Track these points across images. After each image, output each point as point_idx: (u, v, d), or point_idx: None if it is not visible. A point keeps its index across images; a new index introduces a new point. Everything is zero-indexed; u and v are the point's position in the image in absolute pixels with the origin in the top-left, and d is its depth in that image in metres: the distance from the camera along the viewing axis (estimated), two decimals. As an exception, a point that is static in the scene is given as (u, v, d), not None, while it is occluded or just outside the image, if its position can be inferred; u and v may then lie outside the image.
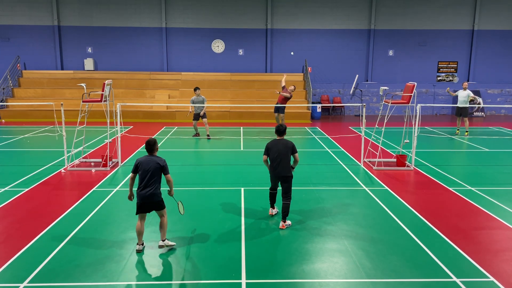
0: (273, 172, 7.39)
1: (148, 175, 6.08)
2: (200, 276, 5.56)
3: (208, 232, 6.99)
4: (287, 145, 7.30)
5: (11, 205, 8.25)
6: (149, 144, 6.29)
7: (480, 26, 24.22)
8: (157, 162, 6.14)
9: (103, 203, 8.39)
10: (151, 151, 6.29)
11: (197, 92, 15.27)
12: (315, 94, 24.37)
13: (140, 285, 5.39)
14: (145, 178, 6.09)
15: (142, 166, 6.11)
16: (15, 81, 22.67)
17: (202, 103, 15.27)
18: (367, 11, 24.02)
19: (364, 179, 10.31)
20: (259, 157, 12.49)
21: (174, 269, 5.76)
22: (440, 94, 24.53)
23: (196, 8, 23.75)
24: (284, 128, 7.47)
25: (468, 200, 8.75)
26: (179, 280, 5.48)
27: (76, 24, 23.59)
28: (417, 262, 5.96)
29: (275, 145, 7.34)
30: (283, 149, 7.25)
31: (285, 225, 7.19)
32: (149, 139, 6.37)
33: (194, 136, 15.99)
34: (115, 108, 12.39)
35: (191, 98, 15.46)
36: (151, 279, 5.51)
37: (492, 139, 15.91)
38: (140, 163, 6.15)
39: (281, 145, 7.29)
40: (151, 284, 5.40)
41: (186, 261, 5.98)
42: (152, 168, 6.09)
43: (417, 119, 11.06)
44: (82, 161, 11.64)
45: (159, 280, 5.49)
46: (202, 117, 15.41)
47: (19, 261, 5.93)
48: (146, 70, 24.00)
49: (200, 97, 15.30)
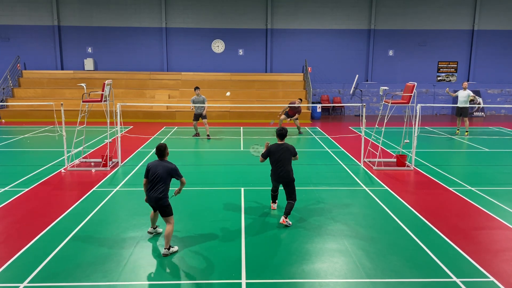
0: (275, 176, 7.51)
1: (155, 179, 6.20)
2: (200, 276, 5.56)
3: (208, 232, 6.99)
4: (289, 150, 7.45)
5: (11, 205, 8.25)
6: (159, 150, 6.39)
7: (480, 26, 24.21)
8: (166, 167, 6.25)
9: (103, 203, 8.39)
10: (161, 156, 6.39)
11: (197, 92, 15.22)
12: (315, 94, 24.37)
13: (140, 285, 5.39)
14: (153, 182, 6.22)
15: (152, 171, 6.26)
16: (15, 81, 22.66)
17: (202, 103, 15.22)
18: (367, 11, 24.02)
19: (364, 179, 10.31)
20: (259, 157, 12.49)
21: (174, 269, 5.76)
22: (440, 94, 24.53)
23: (196, 8, 23.75)
24: (286, 131, 7.59)
25: (468, 200, 8.75)
26: (179, 280, 5.48)
27: (76, 24, 23.58)
28: (417, 262, 5.96)
29: (277, 150, 7.42)
30: (286, 154, 7.40)
31: (285, 221, 7.24)
32: (160, 144, 6.47)
33: (194, 136, 15.98)
34: (115, 108, 12.39)
35: (192, 98, 15.43)
36: (151, 279, 5.51)
37: (492, 139, 15.91)
38: (150, 168, 6.31)
39: (284, 150, 7.41)
40: (151, 284, 5.40)
41: (186, 261, 5.98)
42: (160, 173, 6.20)
43: (417, 119, 11.06)
44: (82, 161, 11.64)
45: (159, 280, 5.49)
46: (203, 117, 15.39)
47: (19, 261, 5.94)
48: (146, 70, 24.00)
49: (200, 96, 15.24)
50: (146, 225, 7.20)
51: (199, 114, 15.46)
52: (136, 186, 9.59)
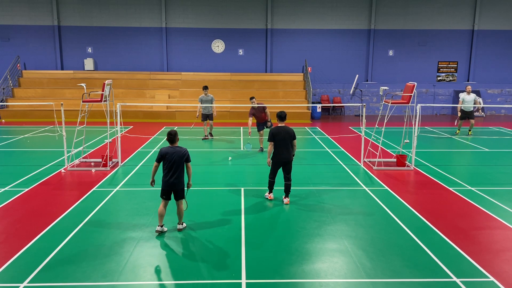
0: (278, 157, 8.07)
1: (173, 165, 6.62)
2: (200, 276, 5.56)
3: (208, 232, 6.98)
4: (290, 132, 8.05)
5: (11, 205, 8.25)
6: (171, 135, 6.80)
7: (480, 26, 24.21)
8: (180, 152, 6.69)
9: (103, 203, 8.39)
10: (172, 141, 6.79)
11: (205, 92, 14.81)
12: (315, 94, 24.37)
13: (140, 285, 5.39)
14: (171, 168, 6.63)
15: (167, 157, 6.64)
16: (15, 81, 22.66)
17: (210, 102, 14.87)
18: (367, 11, 24.02)
19: (364, 179, 10.31)
20: (259, 157, 12.49)
21: (174, 269, 5.76)
22: (440, 94, 24.53)
23: (196, 8, 23.75)
24: (285, 114, 8.21)
25: (468, 200, 8.75)
26: (179, 280, 5.48)
27: (76, 24, 23.58)
28: (417, 262, 5.96)
29: (279, 132, 7.98)
30: (287, 136, 7.98)
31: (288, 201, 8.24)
32: (170, 130, 6.88)
33: (204, 138, 15.28)
34: (115, 108, 12.39)
35: (199, 97, 14.99)
36: (151, 279, 5.51)
37: (492, 139, 15.91)
38: (165, 154, 6.67)
39: (285, 132, 7.99)
40: (151, 284, 5.40)
41: (186, 261, 5.98)
42: (176, 158, 6.63)
43: (417, 119, 11.06)
44: (82, 161, 11.64)
45: (159, 280, 5.49)
46: (210, 118, 14.98)
47: (19, 261, 5.93)
48: (146, 70, 24.00)
49: (208, 96, 14.88)
50: (146, 225, 7.20)
51: (207, 115, 15.00)
52: (136, 186, 9.59)
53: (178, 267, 5.82)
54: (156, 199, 8.53)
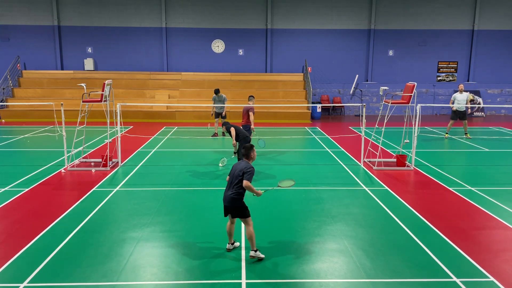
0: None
1: (231, 179, 6.20)
2: (200, 276, 5.56)
3: (208, 232, 6.98)
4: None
5: (11, 205, 8.25)
6: (245, 149, 6.38)
7: (480, 26, 24.21)
8: (242, 166, 6.16)
9: (103, 203, 8.38)
10: (245, 156, 6.36)
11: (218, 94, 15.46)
12: (315, 94, 24.36)
13: (140, 285, 5.39)
14: (230, 181, 6.22)
15: (232, 169, 6.30)
16: (15, 81, 22.66)
17: (223, 101, 15.54)
18: (367, 11, 24.02)
19: (364, 179, 10.31)
20: (259, 157, 12.48)
21: (174, 269, 5.76)
22: (440, 94, 24.53)
23: (196, 8, 23.75)
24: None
25: (468, 200, 8.74)
26: (179, 280, 5.47)
27: (76, 24, 23.58)
28: (417, 262, 5.96)
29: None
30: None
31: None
32: (246, 144, 6.44)
33: (213, 136, 16.10)
34: (115, 108, 12.39)
35: (213, 96, 15.69)
36: (151, 279, 5.51)
37: (492, 139, 15.91)
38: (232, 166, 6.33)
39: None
40: (151, 284, 5.40)
41: (186, 261, 5.98)
42: (235, 173, 6.16)
43: (417, 119, 11.06)
44: (82, 161, 11.63)
45: (159, 280, 5.49)
46: (223, 117, 15.56)
47: (19, 261, 5.93)
48: (146, 70, 24.00)
49: (221, 96, 15.53)
50: (146, 225, 7.20)
51: (220, 113, 15.75)
52: (136, 186, 9.59)
53: (178, 267, 5.82)
54: (156, 199, 8.54)
